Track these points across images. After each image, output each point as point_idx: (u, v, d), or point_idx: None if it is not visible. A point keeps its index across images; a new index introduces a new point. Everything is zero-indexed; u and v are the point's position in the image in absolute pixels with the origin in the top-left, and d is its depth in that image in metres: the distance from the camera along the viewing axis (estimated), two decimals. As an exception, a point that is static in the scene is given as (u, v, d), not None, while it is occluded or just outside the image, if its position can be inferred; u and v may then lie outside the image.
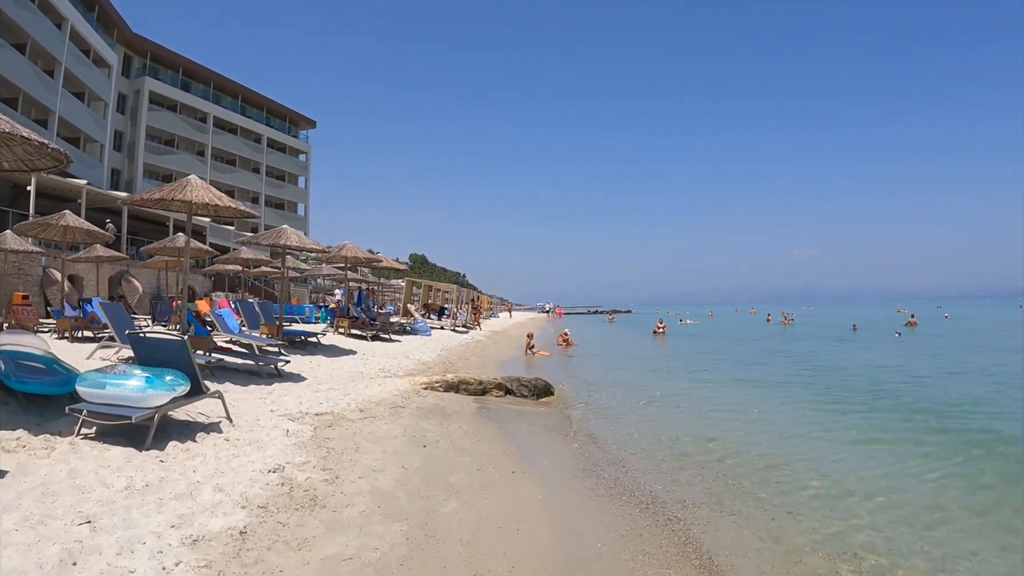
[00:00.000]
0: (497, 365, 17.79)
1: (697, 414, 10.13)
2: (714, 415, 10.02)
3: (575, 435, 8.35)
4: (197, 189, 9.38)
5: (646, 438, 8.26)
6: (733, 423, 9.34)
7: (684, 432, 8.66)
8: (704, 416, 9.96)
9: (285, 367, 10.95)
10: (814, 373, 15.55)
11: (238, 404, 7.73)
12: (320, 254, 17.99)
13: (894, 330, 36.16)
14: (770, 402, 11.20)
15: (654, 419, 9.73)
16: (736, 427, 9.07)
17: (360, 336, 17.89)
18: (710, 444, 7.98)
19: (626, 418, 9.80)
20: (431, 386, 10.57)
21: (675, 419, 9.76)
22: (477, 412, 9.34)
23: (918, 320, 45.30)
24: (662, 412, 10.42)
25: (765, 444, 8.03)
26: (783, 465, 6.95)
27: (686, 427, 9.02)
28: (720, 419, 9.66)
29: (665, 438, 8.28)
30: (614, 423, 9.32)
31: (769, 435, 8.56)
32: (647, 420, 9.63)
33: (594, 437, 8.24)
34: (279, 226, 13.63)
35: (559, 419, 9.51)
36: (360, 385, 10.07)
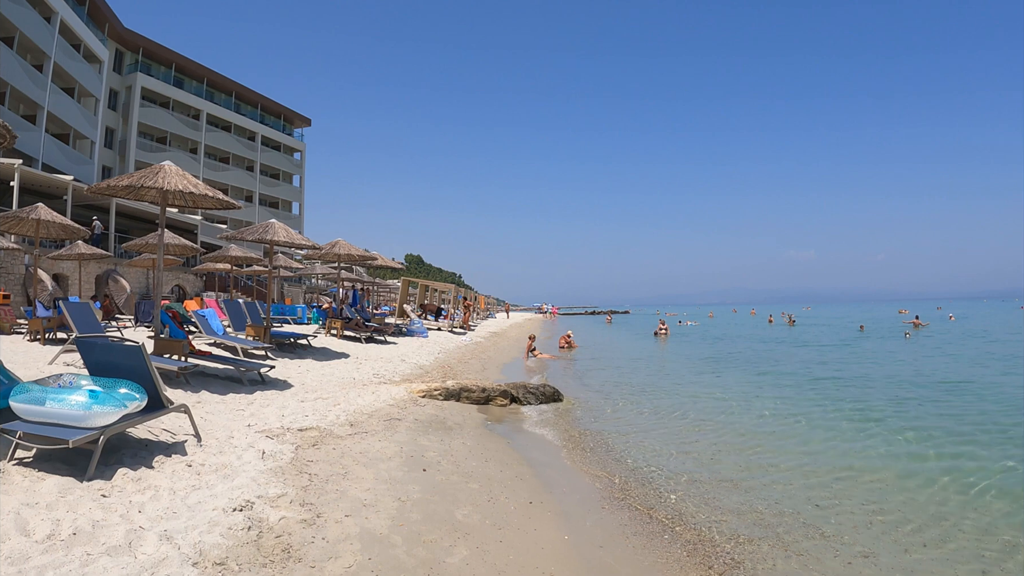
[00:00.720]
0: (498, 368, 16.86)
1: (726, 427, 9.14)
2: (746, 428, 9.01)
3: (593, 450, 7.41)
4: (171, 176, 8.44)
5: (675, 456, 7.31)
6: (770, 438, 8.37)
7: (716, 449, 7.71)
8: (735, 429, 8.96)
9: (270, 372, 10.00)
10: (843, 381, 14.51)
11: (211, 417, 6.78)
12: (312, 251, 17.02)
13: (902, 331, 35.24)
14: (804, 415, 10.24)
15: (678, 433, 8.77)
16: (775, 443, 8.10)
17: (354, 338, 16.93)
18: (750, 463, 7.04)
19: (647, 431, 8.85)
20: (430, 394, 9.62)
21: (702, 432, 8.79)
22: (481, 424, 8.40)
23: (921, 321, 44.48)
24: (684, 424, 9.47)
25: (812, 464, 7.07)
26: (841, 492, 6.01)
27: (717, 442, 8.07)
28: (755, 433, 8.68)
29: (696, 455, 7.33)
30: (635, 437, 8.38)
31: (814, 453, 7.59)
32: (671, 434, 8.67)
33: (615, 454, 7.29)
34: (266, 221, 12.67)
35: (572, 431, 8.55)
36: (351, 393, 9.11)
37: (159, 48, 49.65)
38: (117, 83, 47.53)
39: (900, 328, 40.14)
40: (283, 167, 63.07)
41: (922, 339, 30.73)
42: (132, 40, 47.62)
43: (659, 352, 24.78)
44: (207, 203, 9.43)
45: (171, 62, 51.19)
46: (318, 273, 29.06)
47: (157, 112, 49.64)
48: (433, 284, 38.49)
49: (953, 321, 51.02)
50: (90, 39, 40.59)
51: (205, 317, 13.08)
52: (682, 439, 8.31)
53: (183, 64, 52.20)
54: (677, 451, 7.51)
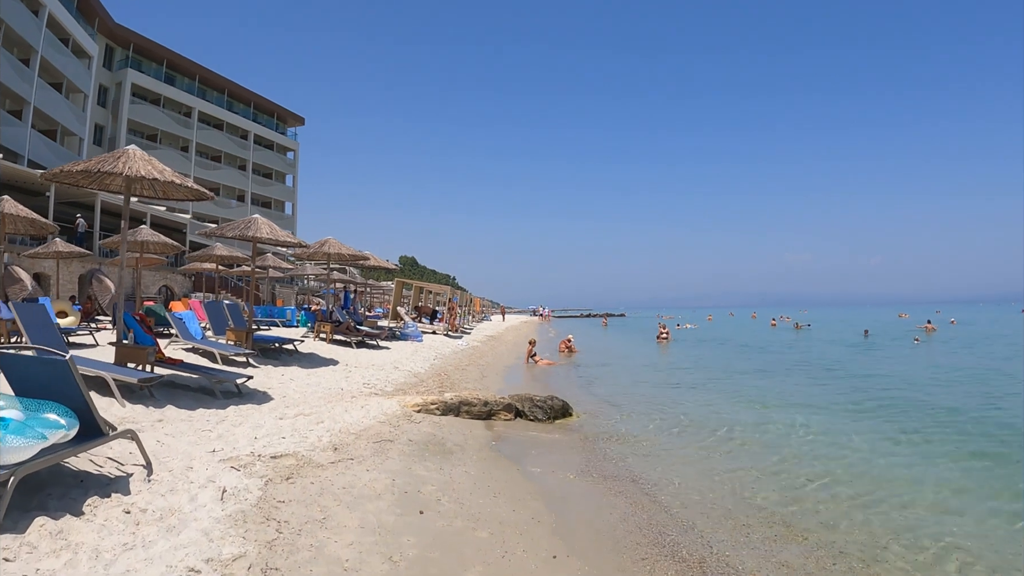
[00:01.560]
0: (498, 375, 15.87)
1: (761, 449, 8.13)
2: (785, 451, 7.99)
3: (617, 479, 6.41)
4: (135, 160, 7.42)
5: (710, 486, 6.32)
6: (815, 463, 7.34)
7: (753, 477, 6.72)
8: (772, 451, 7.94)
9: (249, 383, 8.97)
10: (871, 391, 13.50)
11: (171, 441, 5.76)
12: (300, 250, 16.03)
13: (911, 336, 34.32)
14: (843, 431, 9.26)
15: (708, 456, 7.76)
16: (820, 467, 7.11)
17: (344, 343, 15.89)
18: (800, 497, 6.04)
19: (671, 452, 7.87)
20: (426, 408, 8.61)
21: (735, 456, 7.78)
22: (486, 445, 7.39)
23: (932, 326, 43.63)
24: (712, 443, 8.49)
25: (873, 495, 6.08)
26: (925, 536, 5.03)
27: (753, 469, 7.07)
28: (797, 456, 7.68)
29: (734, 487, 6.33)
30: (659, 460, 7.38)
31: (872, 483, 6.58)
32: (701, 458, 7.66)
33: (643, 484, 6.30)
34: (249, 216, 11.68)
35: (588, 454, 7.56)
36: (338, 408, 8.08)
37: (150, 44, 48.48)
38: (107, 79, 46.34)
39: (907, 333, 39.34)
40: (276, 166, 61.95)
41: (933, 344, 29.87)
42: (123, 35, 46.45)
43: (664, 358, 23.80)
44: (177, 193, 8.42)
45: (162, 58, 50.03)
46: (309, 274, 27.98)
47: (148, 109, 48.48)
48: (428, 286, 37.44)
49: (955, 325, 50.21)
50: (79, 33, 39.43)
51: (183, 320, 12.05)
52: (714, 464, 7.33)
53: (175, 61, 51.07)
54: (713, 482, 6.50)
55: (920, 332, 37.97)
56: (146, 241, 15.55)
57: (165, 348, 11.71)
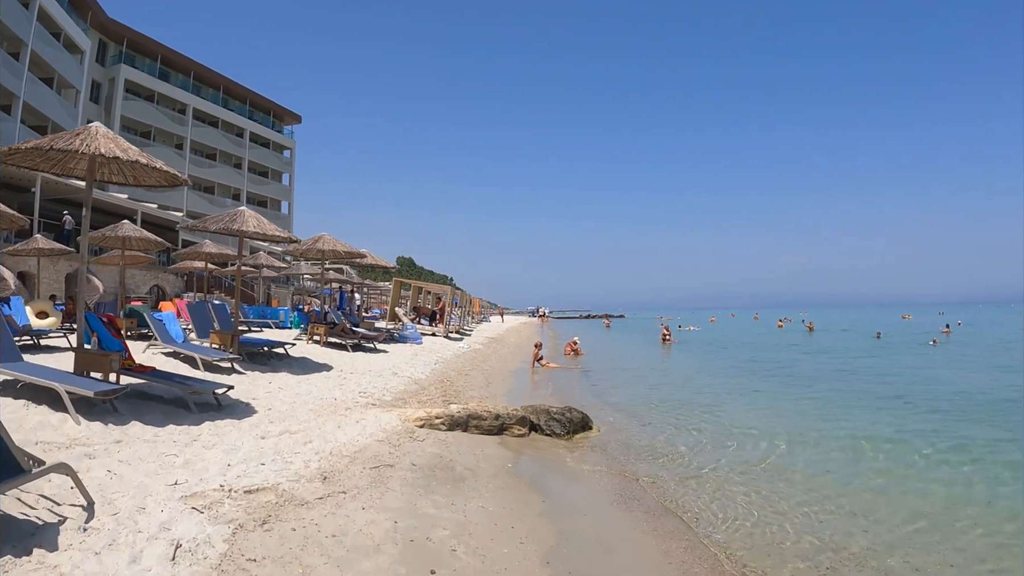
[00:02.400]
0: (503, 381, 14.86)
1: (816, 472, 7.04)
2: (845, 475, 6.86)
3: (659, 513, 5.41)
4: (95, 138, 6.41)
5: (774, 521, 5.30)
6: (897, 493, 6.29)
7: (826, 511, 5.67)
8: (832, 477, 6.84)
9: (231, 393, 7.96)
10: (922, 399, 12.48)
11: (125, 470, 4.75)
12: (292, 247, 15.01)
13: (928, 339, 33.24)
14: (901, 445, 8.25)
15: (752, 478, 6.73)
16: (904, 500, 6.08)
17: (339, 346, 14.86)
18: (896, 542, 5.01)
19: (711, 475, 6.84)
20: (430, 423, 7.59)
21: (790, 481, 6.68)
22: (501, 468, 6.37)
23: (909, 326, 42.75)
24: (752, 461, 7.49)
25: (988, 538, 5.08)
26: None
27: (817, 497, 6.02)
28: (862, 484, 6.61)
29: (800, 520, 5.32)
30: (701, 487, 6.36)
31: (984, 519, 5.56)
32: (746, 480, 6.64)
33: (691, 519, 5.28)
34: (235, 208, 10.67)
35: (618, 479, 6.54)
36: (330, 424, 7.06)
37: (144, 39, 47.38)
38: (100, 75, 45.25)
39: (918, 335, 38.41)
40: (272, 165, 60.86)
41: (951, 347, 28.90)
42: (116, 30, 45.35)
43: (674, 362, 22.79)
44: (148, 178, 7.41)
45: (156, 54, 48.94)
46: (304, 274, 26.91)
47: (141, 105, 47.37)
48: (427, 286, 36.39)
49: (961, 327, 49.21)
50: (71, 28, 38.37)
51: (162, 322, 11.03)
52: (761, 487, 6.31)
53: (169, 56, 49.99)
54: (775, 516, 5.48)
55: (938, 335, 36.90)
56: (128, 237, 14.50)
57: (143, 352, 10.74)
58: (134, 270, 30.77)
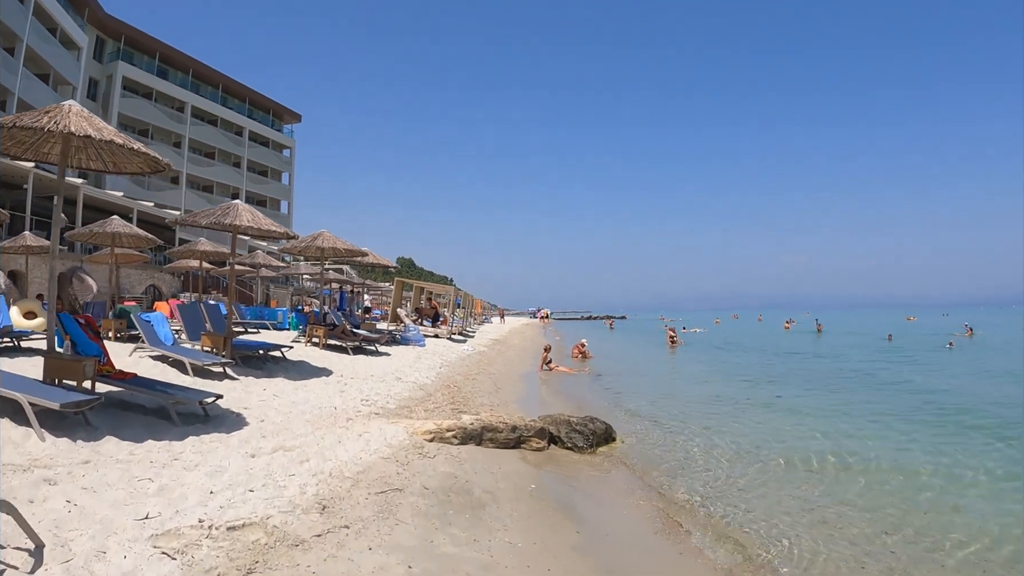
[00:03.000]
0: (512, 386, 14.11)
1: (879, 494, 6.27)
2: (906, 496, 6.14)
3: (719, 541, 4.67)
4: (66, 116, 5.68)
5: (848, 554, 4.56)
6: (964, 518, 5.58)
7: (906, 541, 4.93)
8: (896, 498, 6.06)
9: (220, 402, 7.22)
10: (968, 408, 11.72)
11: (89, 501, 4.01)
12: (290, 245, 14.28)
13: (944, 341, 32.41)
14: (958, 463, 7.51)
15: (803, 503, 5.96)
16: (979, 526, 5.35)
17: (339, 348, 14.11)
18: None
19: (760, 496, 6.09)
20: (441, 436, 6.85)
21: (844, 503, 5.96)
22: (524, 490, 5.61)
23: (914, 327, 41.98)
24: (797, 478, 6.75)
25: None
26: None
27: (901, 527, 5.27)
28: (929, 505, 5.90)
29: (875, 557, 4.59)
30: (752, 507, 5.62)
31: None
32: (798, 507, 5.86)
33: (753, 551, 4.55)
34: (228, 201, 9.94)
35: (658, 500, 5.79)
36: (329, 438, 6.32)
37: (142, 36, 46.65)
38: (97, 71, 44.50)
39: (927, 337, 37.70)
40: (272, 164, 60.15)
41: (969, 351, 28.15)
42: (114, 27, 44.61)
43: (686, 366, 22.01)
44: (129, 163, 6.68)
45: (155, 51, 48.19)
46: (303, 273, 26.15)
47: (139, 103, 46.64)
48: (430, 286, 35.65)
49: (966, 328, 48.40)
50: (68, 23, 37.68)
51: (150, 323, 10.29)
52: (819, 511, 5.57)
53: (168, 54, 49.26)
54: (836, 545, 4.74)
55: (955, 337, 36.06)
56: (117, 233, 13.76)
57: (130, 355, 10.01)
58: (129, 269, 30.05)
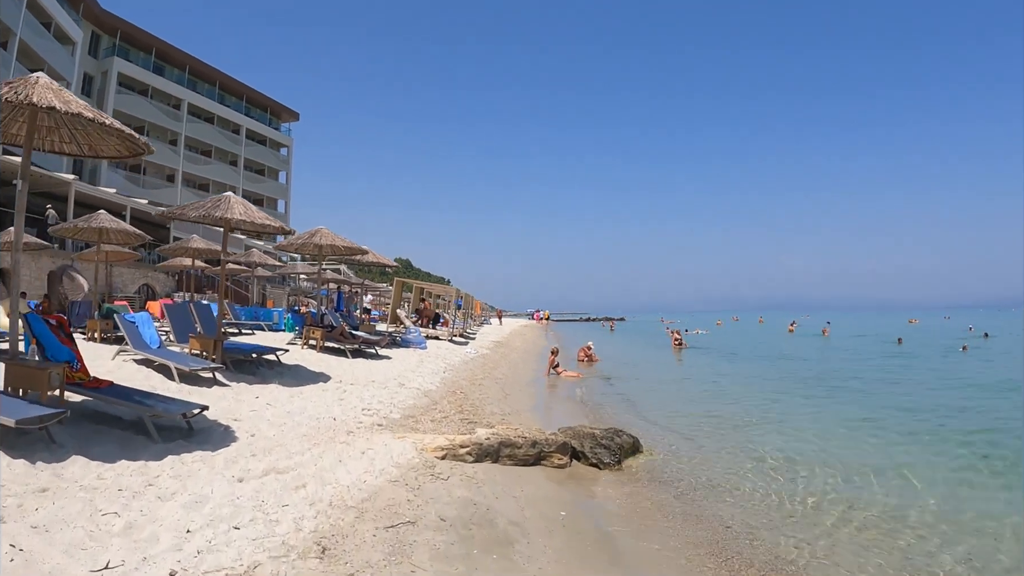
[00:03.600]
0: (521, 392, 13.37)
1: (949, 521, 5.58)
2: (988, 529, 5.42)
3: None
4: (35, 87, 4.95)
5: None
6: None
7: None
8: (973, 530, 5.38)
9: (207, 413, 6.47)
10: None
11: (37, 544, 3.27)
12: (288, 242, 13.54)
13: (951, 343, 31.70)
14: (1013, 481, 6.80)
15: (872, 530, 5.27)
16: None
17: (337, 351, 13.36)
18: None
19: (811, 521, 5.37)
20: (454, 453, 6.11)
21: (921, 540, 5.21)
22: (554, 519, 4.88)
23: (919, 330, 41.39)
24: (851, 501, 6.03)
25: None
26: None
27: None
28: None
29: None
30: (811, 540, 4.89)
31: None
32: (865, 534, 5.17)
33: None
34: (221, 194, 9.21)
35: (706, 528, 5.07)
36: (329, 456, 5.56)
37: (138, 32, 45.83)
38: (92, 67, 43.66)
39: (937, 340, 37.05)
40: (269, 162, 59.36)
41: (983, 354, 27.45)
42: (109, 22, 43.79)
43: (697, 370, 21.21)
44: (106, 145, 5.96)
45: (151, 47, 47.35)
46: (300, 273, 25.36)
47: (135, 100, 45.79)
48: (430, 286, 34.90)
49: (972, 332, 47.80)
50: (63, 18, 36.88)
51: (135, 324, 9.54)
52: (886, 541, 4.86)
53: (164, 50, 48.43)
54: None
55: (971, 340, 35.34)
56: (105, 228, 13.01)
57: (113, 359, 9.27)
58: (122, 268, 29.26)
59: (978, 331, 46.24)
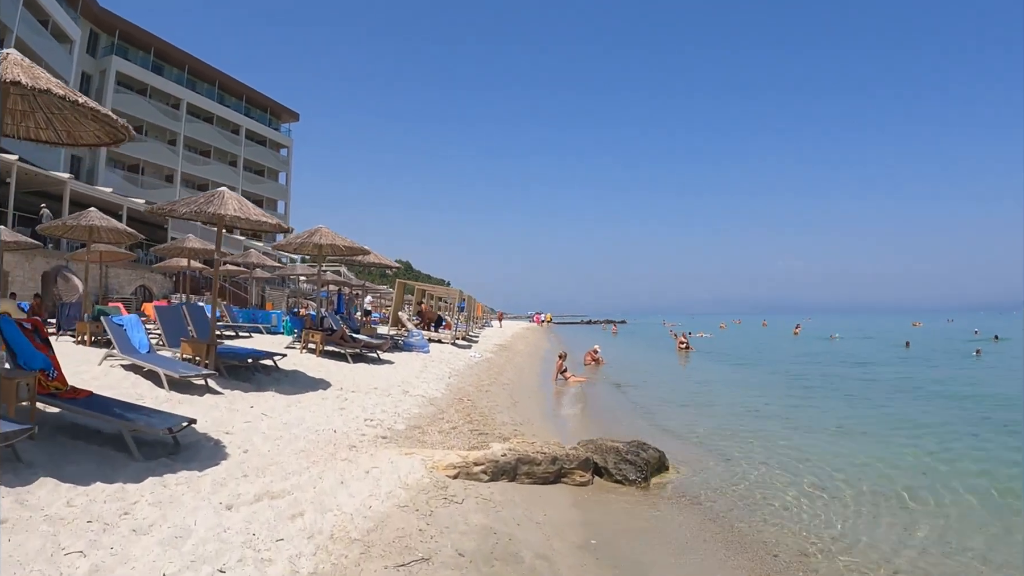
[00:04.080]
0: (530, 399, 12.78)
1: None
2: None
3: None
4: (1, 63, 4.40)
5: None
6: None
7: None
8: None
9: (191, 428, 5.90)
10: None
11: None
12: (286, 241, 12.97)
13: (972, 349, 30.98)
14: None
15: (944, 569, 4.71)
16: None
17: (337, 355, 12.78)
18: None
19: (871, 557, 4.81)
20: (467, 471, 5.54)
21: (995, 570, 4.70)
22: (584, 549, 4.33)
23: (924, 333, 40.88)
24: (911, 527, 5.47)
25: None
26: None
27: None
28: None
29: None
30: None
31: None
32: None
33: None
34: (214, 190, 8.65)
35: (745, 556, 4.52)
36: (329, 476, 4.99)
37: (137, 30, 45.33)
38: (90, 66, 43.16)
39: (947, 343, 36.49)
40: (268, 163, 58.81)
41: (996, 358, 26.88)
42: (108, 20, 43.26)
43: (707, 374, 20.62)
44: (84, 130, 5.39)
45: (150, 46, 46.84)
46: (299, 274, 24.76)
47: (133, 99, 45.23)
48: (432, 288, 34.31)
49: (978, 335, 47.22)
50: (60, 16, 36.40)
51: (123, 327, 8.97)
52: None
53: (163, 49, 47.92)
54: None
55: (983, 343, 34.72)
56: (95, 226, 12.44)
57: (100, 364, 8.71)
58: (118, 269, 28.71)
59: (984, 334, 45.70)
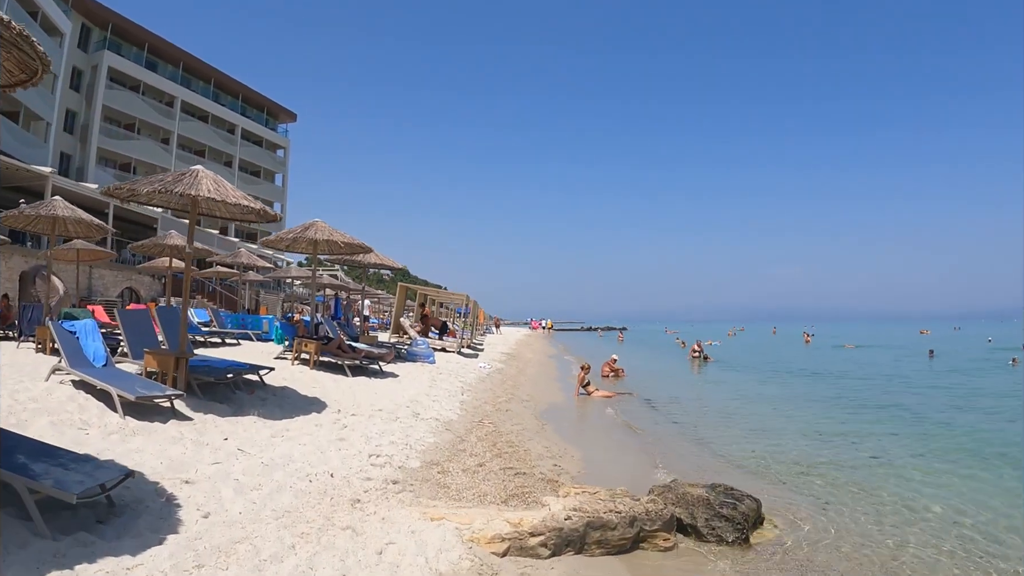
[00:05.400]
0: (558, 421, 11.06)
1: None
2: None
3: None
4: None
5: None
6: None
7: None
8: None
9: (139, 476, 4.29)
10: None
11: None
12: (278, 236, 11.38)
13: (1008, 359, 29.35)
14: None
15: None
16: None
17: (334, 367, 11.15)
18: None
19: None
20: (522, 544, 3.92)
21: None
22: None
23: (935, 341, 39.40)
24: None
25: None
26: None
27: None
28: None
29: None
30: None
31: None
32: None
33: None
34: (189, 167, 7.06)
35: None
36: (325, 564, 3.37)
37: (131, 25, 43.82)
38: (81, 61, 41.56)
39: (962, 350, 35.01)
40: (265, 164, 57.21)
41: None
42: (100, 14, 41.71)
43: (734, 388, 18.85)
44: None
45: (144, 42, 45.32)
46: (294, 277, 23.11)
47: (126, 96, 43.67)
48: (435, 292, 32.67)
49: (992, 343, 45.77)
50: (51, 8, 34.94)
51: (75, 335, 7.36)
52: None
53: (157, 45, 46.42)
54: None
55: (1016, 351, 33.07)
56: (59, 218, 10.81)
57: (45, 381, 7.10)
58: (103, 270, 27.10)
59: (997, 342, 44.32)
